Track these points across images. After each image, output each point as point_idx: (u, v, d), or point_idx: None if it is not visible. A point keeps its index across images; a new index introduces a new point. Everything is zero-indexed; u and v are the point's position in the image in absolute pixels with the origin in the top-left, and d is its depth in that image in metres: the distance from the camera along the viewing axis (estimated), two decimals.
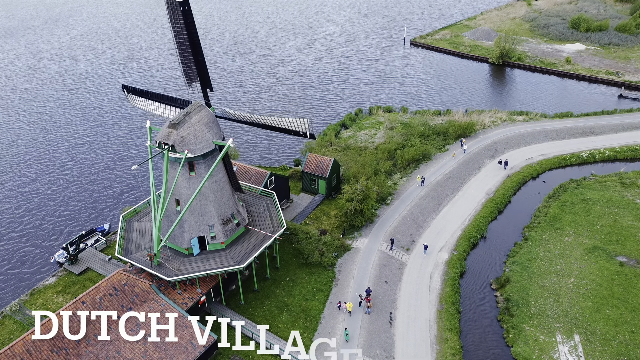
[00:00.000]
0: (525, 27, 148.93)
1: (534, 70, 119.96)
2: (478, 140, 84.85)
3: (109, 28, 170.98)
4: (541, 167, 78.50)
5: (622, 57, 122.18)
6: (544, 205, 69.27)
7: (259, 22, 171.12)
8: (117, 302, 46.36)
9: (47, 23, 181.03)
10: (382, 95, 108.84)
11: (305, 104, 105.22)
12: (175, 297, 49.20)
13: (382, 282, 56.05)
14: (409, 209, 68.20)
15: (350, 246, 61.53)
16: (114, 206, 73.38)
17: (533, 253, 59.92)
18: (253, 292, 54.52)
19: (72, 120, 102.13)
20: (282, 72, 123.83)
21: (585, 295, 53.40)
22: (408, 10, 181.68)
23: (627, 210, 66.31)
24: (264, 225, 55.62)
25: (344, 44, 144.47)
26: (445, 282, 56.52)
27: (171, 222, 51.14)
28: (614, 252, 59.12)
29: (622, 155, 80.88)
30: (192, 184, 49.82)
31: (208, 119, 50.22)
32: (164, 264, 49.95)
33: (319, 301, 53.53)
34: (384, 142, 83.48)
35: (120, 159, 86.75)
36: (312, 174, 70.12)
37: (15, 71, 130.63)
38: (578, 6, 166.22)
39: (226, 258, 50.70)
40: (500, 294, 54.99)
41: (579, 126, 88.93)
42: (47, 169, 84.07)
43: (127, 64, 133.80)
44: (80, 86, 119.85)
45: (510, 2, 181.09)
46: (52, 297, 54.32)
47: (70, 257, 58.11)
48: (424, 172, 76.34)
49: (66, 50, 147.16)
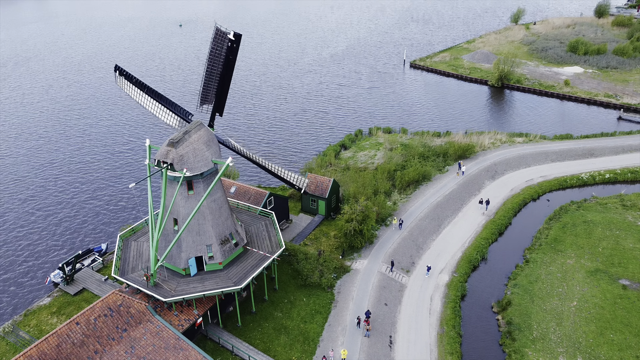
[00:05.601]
0: (524, 50, 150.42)
1: (533, 92, 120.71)
2: (478, 161, 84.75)
3: (111, 36, 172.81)
4: (541, 188, 78.21)
5: (620, 79, 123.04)
6: (545, 227, 68.76)
7: (260, 45, 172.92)
8: (112, 323, 45.51)
9: (48, 44, 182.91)
10: (382, 116, 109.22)
11: (305, 124, 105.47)
12: (171, 319, 48.37)
13: (382, 304, 55.20)
14: (409, 230, 67.66)
15: (349, 267, 60.83)
16: (111, 225, 72.82)
17: (534, 275, 59.19)
18: (250, 314, 53.65)
19: (70, 138, 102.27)
20: (282, 92, 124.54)
21: (588, 318, 52.52)
22: (408, 33, 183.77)
23: (629, 233, 65.76)
24: (263, 246, 55.05)
25: (344, 65, 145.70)
26: (446, 305, 55.67)
27: (169, 241, 50.62)
28: (616, 275, 58.38)
29: (623, 177, 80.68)
30: (190, 203, 49.45)
31: (207, 137, 50.12)
32: (161, 285, 49.24)
33: (318, 323, 52.63)
34: (383, 162, 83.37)
35: (119, 177, 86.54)
36: (312, 195, 69.78)
37: (15, 91, 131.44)
38: (576, 30, 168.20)
39: (224, 279, 50.01)
40: (502, 317, 54.11)
41: (578, 148, 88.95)
42: (44, 187, 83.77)
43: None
44: (79, 103, 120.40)
45: (509, 26, 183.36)
46: (46, 318, 53.43)
47: (66, 277, 57.36)
48: (424, 193, 76.01)
49: (66, 66, 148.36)
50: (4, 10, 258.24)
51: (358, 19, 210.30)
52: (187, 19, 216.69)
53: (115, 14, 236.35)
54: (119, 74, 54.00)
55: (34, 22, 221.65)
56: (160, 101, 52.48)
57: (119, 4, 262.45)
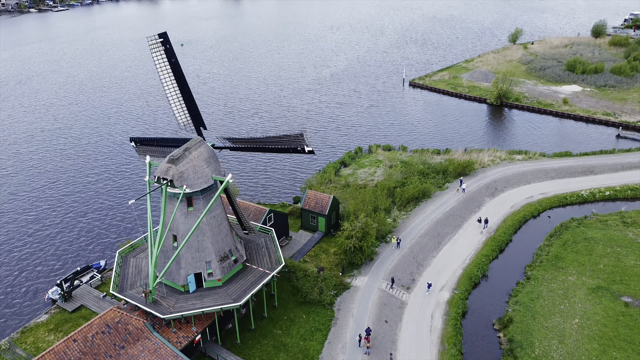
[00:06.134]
0: (522, 69, 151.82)
1: (532, 110, 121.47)
2: (477, 178, 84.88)
3: (113, 56, 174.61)
4: (542, 205, 78.15)
5: (618, 98, 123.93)
6: (546, 244, 68.53)
7: (261, 63, 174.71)
8: (110, 341, 45.09)
9: (48, 66, 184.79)
10: (381, 134, 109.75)
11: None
12: (170, 336, 47.92)
13: (382, 321, 54.73)
14: (409, 247, 67.43)
15: (349, 284, 60.46)
16: (110, 242, 72.60)
17: (536, 293, 58.79)
18: (250, 332, 53.16)
19: (70, 155, 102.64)
20: (283, 109, 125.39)
21: (590, 336, 52.01)
22: (407, 52, 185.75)
23: (630, 250, 65.50)
24: (262, 263, 54.83)
25: (343, 84, 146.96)
26: (447, 322, 55.17)
27: (168, 258, 50.44)
28: (618, 292, 57.97)
29: (623, 194, 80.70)
30: (190, 219, 49.41)
31: (207, 154, 50.34)
32: (159, 301, 48.91)
33: (317, 341, 52.11)
34: (383, 180, 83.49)
35: (118, 194, 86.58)
36: (312, 211, 69.73)
37: (17, 109, 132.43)
38: (573, 49, 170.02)
39: (223, 295, 49.70)
40: (503, 334, 53.59)
41: (578, 165, 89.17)
42: (43, 203, 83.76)
43: (129, 97, 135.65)
44: (80, 121, 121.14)
45: (507, 46, 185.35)
46: (43, 335, 52.93)
47: (64, 294, 56.98)
48: (424, 210, 75.98)
49: (67, 85, 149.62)
50: (6, 30, 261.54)
51: (357, 39, 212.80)
52: (189, 39, 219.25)
53: (118, 34, 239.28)
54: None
55: (36, 41, 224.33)
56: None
57: (120, 25, 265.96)
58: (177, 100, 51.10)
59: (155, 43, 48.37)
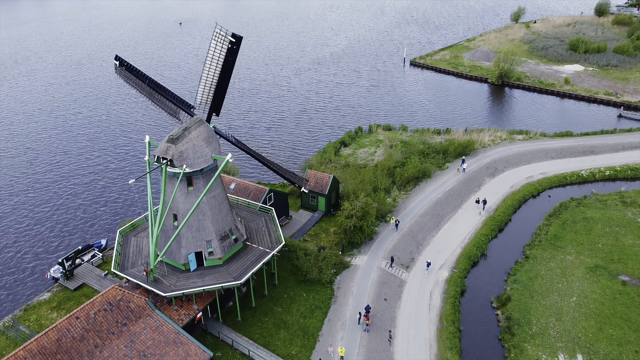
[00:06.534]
0: (524, 49, 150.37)
1: (533, 90, 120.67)
2: (478, 158, 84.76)
3: (109, 40, 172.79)
4: (542, 185, 78.22)
5: (620, 78, 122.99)
6: (545, 224, 68.77)
7: (260, 42, 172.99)
8: (112, 318, 45.57)
9: (45, 45, 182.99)
10: (382, 113, 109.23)
11: (304, 122, 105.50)
12: (171, 313, 48.42)
13: (382, 299, 55.24)
14: (409, 226, 67.70)
15: (349, 263, 60.87)
16: (111, 221, 72.87)
17: (534, 271, 59.21)
18: (250, 309, 53.71)
19: (70, 135, 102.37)
20: (282, 89, 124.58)
21: (587, 314, 52.55)
22: (408, 31, 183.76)
23: (629, 229, 65.77)
24: (262, 242, 55.10)
25: (343, 64, 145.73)
26: (446, 301, 55.70)
27: (168, 237, 50.67)
28: (615, 271, 58.40)
29: (623, 174, 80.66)
30: (190, 199, 49.49)
31: (207, 134, 50.15)
32: (160, 280, 49.31)
33: (317, 319, 52.68)
34: (383, 160, 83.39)
35: (118, 173, 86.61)
36: (312, 191, 69.81)
37: (15, 89, 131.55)
38: (576, 29, 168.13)
39: (223, 274, 50.06)
40: (501, 312, 54.14)
41: (579, 145, 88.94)
42: (44, 183, 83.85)
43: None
44: (78, 101, 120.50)
45: (509, 25, 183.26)
46: (46, 312, 53.50)
47: (66, 272, 57.42)
48: (424, 190, 76.08)
49: (65, 64, 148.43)
50: (3, 8, 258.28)
51: (358, 18, 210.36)
52: (187, 18, 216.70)
53: (115, 13, 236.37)
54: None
55: (33, 20, 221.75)
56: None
57: (118, 4, 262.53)
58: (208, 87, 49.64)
59: (225, 37, 46.42)
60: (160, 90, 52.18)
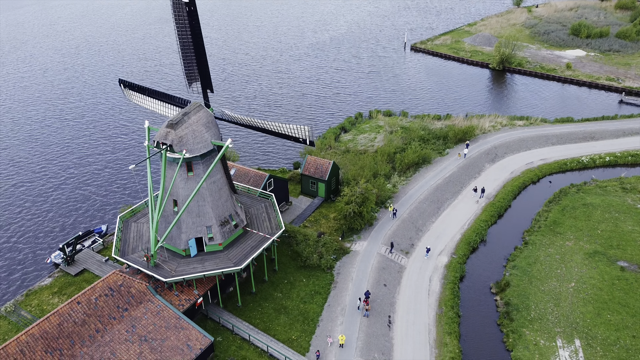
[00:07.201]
0: (526, 34, 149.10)
1: (534, 75, 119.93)
2: (478, 144, 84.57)
3: (107, 25, 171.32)
4: (541, 171, 78.18)
5: (622, 63, 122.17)
6: (544, 210, 68.87)
7: (259, 27, 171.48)
8: (113, 303, 45.85)
9: (43, 30, 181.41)
10: (382, 99, 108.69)
11: (305, 107, 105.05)
12: (172, 299, 48.71)
13: (381, 285, 55.54)
14: (409, 212, 67.79)
15: (349, 249, 61.08)
16: (111, 207, 72.97)
17: (533, 257, 59.46)
18: (250, 295, 54.02)
19: (69, 120, 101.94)
20: (282, 75, 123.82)
21: (586, 299, 52.89)
22: (408, 16, 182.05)
23: (628, 216, 65.90)
24: (263, 227, 55.20)
25: (343, 49, 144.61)
26: (445, 286, 56.02)
27: (169, 222, 50.74)
28: (614, 257, 58.65)
29: (623, 160, 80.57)
30: (190, 184, 49.46)
31: (207, 119, 49.95)
32: (161, 265, 49.50)
33: (317, 304, 53.01)
34: (383, 145, 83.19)
35: (118, 159, 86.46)
36: (312, 177, 69.76)
37: (12, 75, 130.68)
38: (578, 13, 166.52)
39: (224, 260, 50.25)
40: (500, 298, 54.48)
41: (579, 131, 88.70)
42: (44, 169, 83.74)
43: (126, 61, 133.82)
44: (77, 86, 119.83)
45: (511, 9, 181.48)
46: (47, 298, 53.79)
47: (67, 258, 57.62)
48: (424, 176, 76.02)
49: (63, 49, 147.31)
50: None
51: (358, 2, 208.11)
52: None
53: None
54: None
55: (29, 4, 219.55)
56: (161, 99, 53.31)
57: None
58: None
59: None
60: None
